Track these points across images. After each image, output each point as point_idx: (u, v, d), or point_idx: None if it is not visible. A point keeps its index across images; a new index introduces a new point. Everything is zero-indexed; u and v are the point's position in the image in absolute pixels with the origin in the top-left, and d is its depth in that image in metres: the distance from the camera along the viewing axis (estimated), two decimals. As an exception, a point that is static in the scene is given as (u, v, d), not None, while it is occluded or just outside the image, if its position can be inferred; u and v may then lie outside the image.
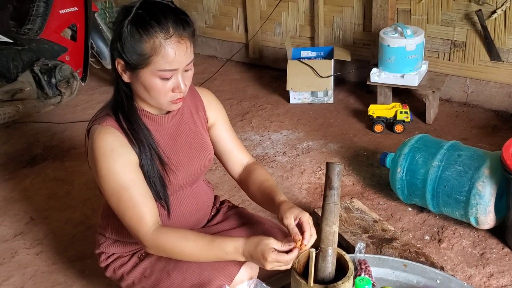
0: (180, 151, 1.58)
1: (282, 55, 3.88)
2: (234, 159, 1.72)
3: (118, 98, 1.49)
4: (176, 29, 1.35)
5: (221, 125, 1.70)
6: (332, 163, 1.44)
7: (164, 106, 1.47)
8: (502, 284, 1.94)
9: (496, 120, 3.13)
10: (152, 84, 1.39)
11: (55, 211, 2.55)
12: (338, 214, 1.45)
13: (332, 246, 1.45)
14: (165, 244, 1.43)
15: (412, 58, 3.07)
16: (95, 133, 1.45)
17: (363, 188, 2.57)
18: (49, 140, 3.25)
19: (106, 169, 1.42)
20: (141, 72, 1.38)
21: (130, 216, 1.43)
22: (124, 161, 1.43)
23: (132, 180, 1.43)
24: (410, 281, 1.61)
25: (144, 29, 1.33)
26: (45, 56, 3.10)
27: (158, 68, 1.37)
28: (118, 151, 1.43)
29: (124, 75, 1.42)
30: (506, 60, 3.07)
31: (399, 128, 3.05)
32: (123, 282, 1.65)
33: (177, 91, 1.43)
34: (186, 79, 1.44)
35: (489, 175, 2.06)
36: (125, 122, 1.46)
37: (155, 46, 1.34)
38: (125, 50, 1.36)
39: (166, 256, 1.49)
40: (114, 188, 1.42)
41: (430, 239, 2.19)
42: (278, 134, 3.17)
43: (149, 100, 1.46)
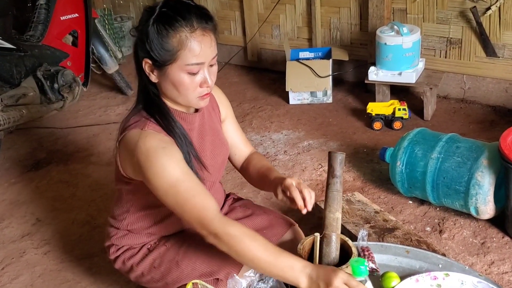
0: (207, 149, 1.62)
1: (280, 57, 3.93)
2: (240, 152, 1.78)
3: (148, 101, 1.50)
4: (200, 23, 1.40)
5: (230, 120, 1.76)
6: (334, 152, 1.48)
7: (193, 102, 1.49)
8: (503, 271, 1.98)
9: (494, 115, 3.18)
10: (181, 79, 1.42)
11: (61, 212, 2.58)
12: (341, 201, 1.49)
13: (336, 232, 1.49)
14: (235, 234, 1.38)
15: (409, 55, 3.12)
16: (139, 138, 1.43)
17: (363, 183, 2.61)
18: (53, 145, 3.29)
19: (159, 166, 1.40)
20: (169, 69, 1.41)
21: (192, 206, 1.39)
22: (176, 156, 1.44)
23: (187, 172, 1.43)
24: (413, 267, 1.64)
25: (170, 24, 1.37)
26: (47, 62, 3.14)
27: (186, 62, 1.39)
28: (169, 149, 1.44)
29: (152, 75, 1.45)
30: (501, 55, 3.12)
31: (397, 125, 3.09)
32: (132, 273, 1.68)
33: (204, 86, 1.45)
34: (211, 74, 1.46)
35: (488, 165, 2.10)
36: (164, 122, 1.48)
37: (182, 40, 1.38)
38: (152, 47, 1.39)
39: (227, 249, 1.40)
40: (169, 182, 1.40)
41: (431, 230, 2.23)
42: (279, 134, 3.21)
43: (178, 98, 1.48)
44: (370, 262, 1.63)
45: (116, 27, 4.51)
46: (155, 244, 1.68)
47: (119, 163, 1.54)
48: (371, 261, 1.62)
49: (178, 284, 1.61)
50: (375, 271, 1.62)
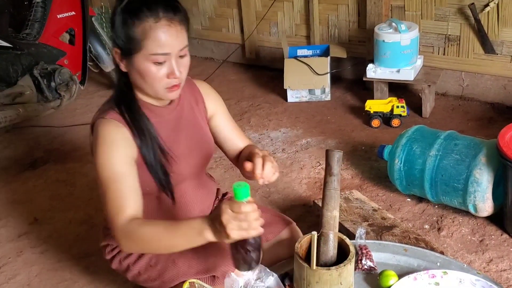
0: (181, 142, 1.61)
1: (278, 55, 3.92)
2: (234, 147, 1.74)
3: (119, 90, 1.53)
4: (166, 13, 1.39)
5: (221, 115, 1.73)
6: (331, 150, 1.47)
7: (161, 94, 1.48)
8: (501, 268, 1.97)
9: (492, 112, 3.17)
10: (146, 69, 1.41)
11: (59, 212, 2.57)
12: (338, 199, 1.48)
13: (333, 231, 1.48)
14: (135, 231, 1.38)
15: (407, 52, 3.11)
16: (99, 126, 1.48)
17: (361, 181, 2.60)
18: (50, 144, 3.28)
19: (103, 158, 1.44)
20: (135, 58, 1.41)
21: (111, 208, 1.42)
22: (121, 153, 1.45)
23: (123, 173, 1.44)
24: (411, 265, 1.63)
25: (135, 14, 1.38)
26: (44, 60, 3.13)
27: (150, 51, 1.39)
28: (118, 143, 1.45)
29: (121, 64, 1.45)
30: (500, 52, 3.11)
31: (396, 123, 3.08)
32: (129, 273, 1.68)
33: (171, 77, 1.44)
34: (181, 66, 1.44)
35: (486, 163, 2.09)
36: (127, 113, 1.49)
37: (146, 30, 1.38)
38: (118, 36, 1.41)
39: (137, 248, 1.44)
40: (105, 177, 1.43)
41: (430, 228, 2.22)
42: (277, 132, 3.21)
43: (145, 88, 1.48)
44: (368, 260, 1.62)
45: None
46: None
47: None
48: (369, 260, 1.62)
49: (175, 282, 1.60)
50: (373, 270, 1.61)
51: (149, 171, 1.52)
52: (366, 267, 1.61)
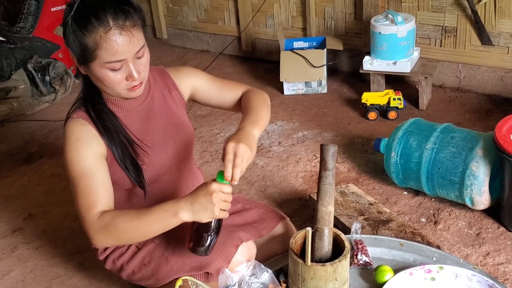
0: (154, 132, 1.60)
1: (274, 47, 3.90)
2: (226, 98, 1.71)
3: (85, 90, 1.53)
4: (116, 21, 1.35)
5: (201, 82, 1.69)
6: (326, 144, 1.46)
7: (123, 94, 1.47)
8: (498, 262, 1.96)
9: (489, 104, 3.15)
10: (104, 75, 1.40)
11: (53, 207, 2.56)
12: (333, 194, 1.47)
13: (328, 226, 1.47)
14: (108, 223, 1.40)
15: (403, 44, 3.08)
16: (67, 126, 1.50)
17: (358, 174, 2.59)
18: (45, 138, 3.26)
19: (70, 157, 1.45)
20: (91, 66, 1.40)
21: (81, 205, 1.43)
22: (87, 150, 1.45)
23: (91, 169, 1.44)
24: (406, 260, 1.63)
25: (84, 26, 1.35)
26: (38, 54, 3.10)
27: (104, 60, 1.37)
28: (83, 141, 1.46)
29: (80, 68, 1.45)
30: (497, 44, 3.09)
31: (392, 115, 3.07)
32: (123, 272, 1.67)
33: (130, 80, 1.43)
34: (139, 66, 1.43)
35: (483, 156, 2.08)
36: (93, 111, 1.49)
37: (96, 40, 1.34)
38: (70, 46, 1.39)
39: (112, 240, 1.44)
40: (73, 175, 1.44)
41: (426, 221, 2.21)
42: (273, 125, 3.19)
43: (107, 90, 1.47)
44: (363, 255, 1.61)
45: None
46: (143, 241, 1.66)
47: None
48: (365, 255, 1.61)
49: (169, 279, 1.60)
50: (368, 265, 1.61)
51: (120, 167, 1.52)
52: (362, 262, 1.61)
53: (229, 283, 1.48)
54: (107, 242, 1.46)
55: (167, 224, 1.40)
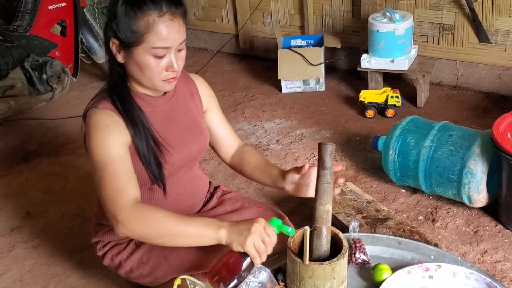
0: (175, 133, 1.60)
1: (272, 45, 3.89)
2: (227, 144, 1.75)
3: (112, 81, 1.51)
4: (169, 7, 1.39)
5: (214, 111, 1.73)
6: (324, 143, 1.46)
7: (158, 86, 1.48)
8: (496, 259, 1.97)
9: (487, 102, 3.16)
10: (146, 62, 1.41)
11: (52, 205, 2.55)
12: (331, 193, 1.46)
13: (327, 225, 1.46)
14: (147, 213, 1.36)
15: (401, 42, 3.09)
16: (91, 115, 1.46)
17: (356, 172, 2.59)
18: (43, 136, 3.26)
19: (97, 141, 1.42)
20: (135, 50, 1.40)
21: (110, 188, 1.38)
22: (116, 137, 1.44)
23: (120, 155, 1.42)
24: (404, 258, 1.62)
25: (138, 6, 1.37)
26: (35, 52, 3.09)
27: (152, 45, 1.38)
28: (112, 129, 1.44)
29: (119, 55, 1.44)
30: (494, 41, 3.09)
31: (390, 113, 3.07)
32: (121, 269, 1.67)
33: (170, 70, 1.44)
34: (179, 59, 1.45)
35: (481, 154, 2.09)
36: (120, 103, 1.47)
37: (149, 23, 1.37)
38: (119, 28, 1.38)
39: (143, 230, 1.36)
40: (101, 160, 1.40)
41: (424, 219, 2.22)
42: (271, 123, 3.19)
43: (143, 80, 1.47)
44: (361, 254, 1.61)
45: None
46: None
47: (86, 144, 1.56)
48: (363, 253, 1.61)
49: (167, 278, 1.60)
50: (366, 263, 1.61)
51: (142, 162, 1.50)
52: (360, 260, 1.60)
53: (227, 282, 1.47)
54: (137, 230, 1.36)
55: (205, 235, 1.35)
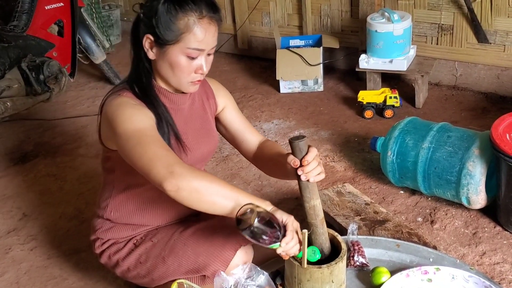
0: (189, 133, 1.61)
1: (271, 45, 3.88)
2: (248, 139, 1.75)
3: (134, 75, 1.53)
4: (209, 11, 1.43)
5: (231, 108, 1.76)
6: (293, 140, 1.40)
7: (184, 86, 1.51)
8: (494, 261, 1.96)
9: (486, 102, 3.15)
10: (178, 61, 1.45)
11: (49, 207, 2.54)
12: (314, 188, 1.42)
13: (317, 219, 1.45)
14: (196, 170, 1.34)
15: (400, 42, 3.08)
16: (117, 99, 1.47)
17: (354, 173, 2.59)
18: (40, 137, 3.24)
19: (128, 114, 1.42)
20: (170, 49, 1.44)
21: (157, 147, 1.36)
22: (146, 114, 1.46)
23: (155, 128, 1.44)
24: (403, 261, 1.63)
25: (180, 6, 1.41)
26: (32, 53, 3.07)
27: (187, 45, 1.42)
28: (140, 107, 1.47)
29: (151, 52, 1.47)
30: (493, 42, 3.09)
31: (389, 113, 3.06)
32: (118, 268, 1.66)
33: (199, 72, 1.48)
34: (208, 62, 1.49)
35: (479, 155, 2.08)
36: (144, 97, 1.50)
37: (189, 24, 1.41)
38: (159, 25, 1.42)
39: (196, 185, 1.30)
40: (135, 128, 1.39)
41: (423, 221, 2.21)
42: (270, 124, 3.18)
43: (170, 79, 1.50)
44: (360, 257, 1.61)
45: (104, 16, 4.43)
46: (142, 239, 1.66)
47: (100, 135, 1.57)
48: (361, 256, 1.60)
49: (164, 280, 1.59)
50: (365, 266, 1.60)
51: None
52: (358, 263, 1.60)
53: (224, 286, 1.47)
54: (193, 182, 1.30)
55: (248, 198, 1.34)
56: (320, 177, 1.41)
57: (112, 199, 1.66)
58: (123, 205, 1.65)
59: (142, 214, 1.66)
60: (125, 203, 1.65)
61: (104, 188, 1.70)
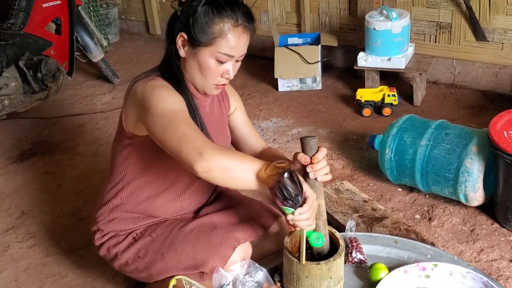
0: (209, 130, 1.63)
1: (269, 44, 3.88)
2: (251, 143, 1.80)
3: (167, 65, 1.56)
4: (244, 20, 1.47)
5: (241, 111, 1.81)
6: (305, 137, 1.43)
7: (208, 88, 1.54)
8: (492, 258, 1.97)
9: (484, 100, 3.16)
10: (208, 63, 1.48)
11: (47, 205, 2.54)
12: (321, 187, 1.44)
13: (321, 219, 1.45)
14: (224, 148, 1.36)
15: (398, 40, 3.08)
16: (149, 81, 1.50)
17: (353, 171, 2.59)
18: (38, 135, 3.24)
19: (163, 95, 1.45)
20: (201, 50, 1.47)
21: (187, 127, 1.38)
22: (180, 98, 1.49)
23: (187, 111, 1.46)
24: (401, 257, 1.63)
25: (218, 11, 1.45)
26: (30, 51, 3.06)
27: (219, 50, 1.46)
28: (174, 92, 1.50)
29: (182, 50, 1.51)
30: (491, 40, 3.09)
31: (387, 111, 3.06)
32: (117, 261, 1.67)
33: (225, 76, 1.52)
34: (235, 68, 1.53)
35: (477, 152, 2.08)
36: (173, 82, 1.53)
37: (224, 29, 1.45)
38: (195, 25, 1.45)
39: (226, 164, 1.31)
40: (169, 108, 1.42)
41: (421, 218, 2.21)
42: (268, 122, 3.18)
43: (197, 79, 1.53)
44: (358, 253, 1.61)
45: (101, 14, 4.43)
46: (141, 233, 1.67)
47: (123, 120, 1.58)
48: (359, 252, 1.60)
49: (162, 276, 1.59)
50: (363, 263, 1.60)
51: None
52: (356, 260, 1.61)
53: (223, 283, 1.47)
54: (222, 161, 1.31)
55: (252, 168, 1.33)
56: (327, 178, 1.43)
57: (123, 186, 1.66)
58: (135, 193, 1.66)
59: (153, 204, 1.66)
60: (137, 191, 1.66)
61: (112, 176, 1.69)
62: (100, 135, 3.16)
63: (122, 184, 1.67)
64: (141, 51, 4.54)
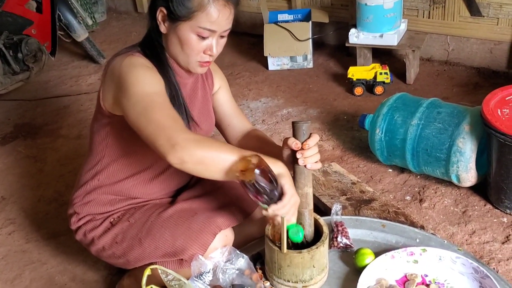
0: (194, 112, 1.58)
1: (259, 20, 3.77)
2: (234, 124, 1.74)
3: (148, 40, 1.50)
4: None
5: (225, 91, 1.74)
6: (297, 122, 1.37)
7: (191, 65, 1.48)
8: (484, 240, 1.91)
9: (478, 78, 3.08)
10: (188, 39, 1.42)
11: (28, 189, 2.47)
12: (310, 175, 1.38)
13: (307, 208, 1.39)
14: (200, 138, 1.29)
15: (390, 16, 2.98)
16: (127, 58, 1.43)
17: (342, 152, 2.52)
18: (20, 118, 3.15)
19: (140, 76, 1.39)
20: (181, 25, 1.41)
21: (165, 114, 1.32)
22: (159, 78, 1.43)
23: (165, 93, 1.41)
24: (389, 241, 1.57)
25: None
26: (9, 30, 2.96)
27: (199, 24, 1.39)
28: (153, 71, 1.44)
29: (163, 25, 1.45)
30: (486, 15, 3.00)
31: (379, 90, 2.98)
32: (93, 246, 1.61)
33: (208, 53, 1.45)
34: (219, 45, 1.46)
35: (470, 131, 2.01)
36: (153, 58, 1.47)
37: (203, 2, 1.38)
38: (173, 0, 1.39)
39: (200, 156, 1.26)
40: (147, 91, 1.36)
41: (411, 199, 2.15)
42: (257, 102, 3.10)
43: (179, 56, 1.47)
44: (344, 238, 1.55)
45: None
46: (119, 218, 1.61)
47: (100, 97, 1.52)
48: (345, 237, 1.54)
49: (140, 263, 1.54)
50: (349, 247, 1.54)
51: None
52: (342, 245, 1.54)
53: (203, 270, 1.41)
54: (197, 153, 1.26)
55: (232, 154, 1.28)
56: (317, 166, 1.37)
57: (101, 167, 1.61)
58: (112, 175, 1.60)
59: (131, 184, 1.61)
60: (115, 173, 1.60)
61: (91, 157, 1.64)
62: (84, 117, 3.08)
63: (100, 165, 1.61)
64: (128, 30, 4.43)
